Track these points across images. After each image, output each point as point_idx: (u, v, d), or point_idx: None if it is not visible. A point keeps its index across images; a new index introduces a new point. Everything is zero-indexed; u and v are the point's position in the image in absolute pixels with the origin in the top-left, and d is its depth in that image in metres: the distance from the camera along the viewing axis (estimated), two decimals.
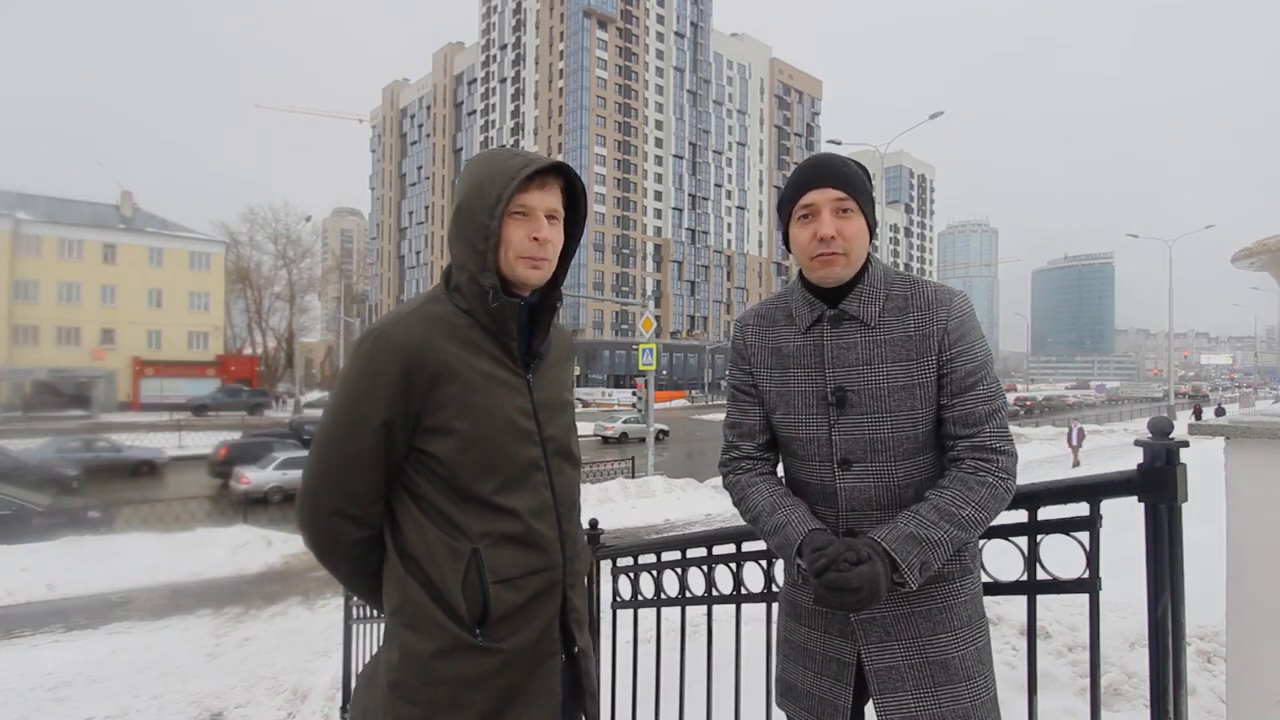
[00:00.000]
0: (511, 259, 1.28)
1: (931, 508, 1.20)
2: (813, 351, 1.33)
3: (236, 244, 55.19)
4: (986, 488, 1.20)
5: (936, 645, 1.27)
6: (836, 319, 1.31)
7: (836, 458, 1.30)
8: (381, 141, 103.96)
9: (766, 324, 1.41)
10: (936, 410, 1.27)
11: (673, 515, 14.61)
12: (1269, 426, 1.41)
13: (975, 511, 1.19)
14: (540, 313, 1.37)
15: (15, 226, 40.65)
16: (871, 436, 1.28)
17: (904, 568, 1.15)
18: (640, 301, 32.41)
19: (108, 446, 22.02)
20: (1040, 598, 1.42)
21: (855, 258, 1.29)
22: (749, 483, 1.40)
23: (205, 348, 46.80)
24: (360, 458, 1.23)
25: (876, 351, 1.28)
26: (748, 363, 1.42)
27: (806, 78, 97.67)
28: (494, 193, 1.25)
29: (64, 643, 8.18)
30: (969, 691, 1.26)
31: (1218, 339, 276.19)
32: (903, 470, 1.28)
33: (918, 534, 1.17)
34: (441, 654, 1.22)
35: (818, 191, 1.28)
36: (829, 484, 1.32)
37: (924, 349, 1.26)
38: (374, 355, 1.23)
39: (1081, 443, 21.99)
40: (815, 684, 1.36)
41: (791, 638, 1.43)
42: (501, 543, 1.26)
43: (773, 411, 1.39)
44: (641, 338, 19.71)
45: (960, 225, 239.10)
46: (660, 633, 2.48)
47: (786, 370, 1.36)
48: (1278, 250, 1.63)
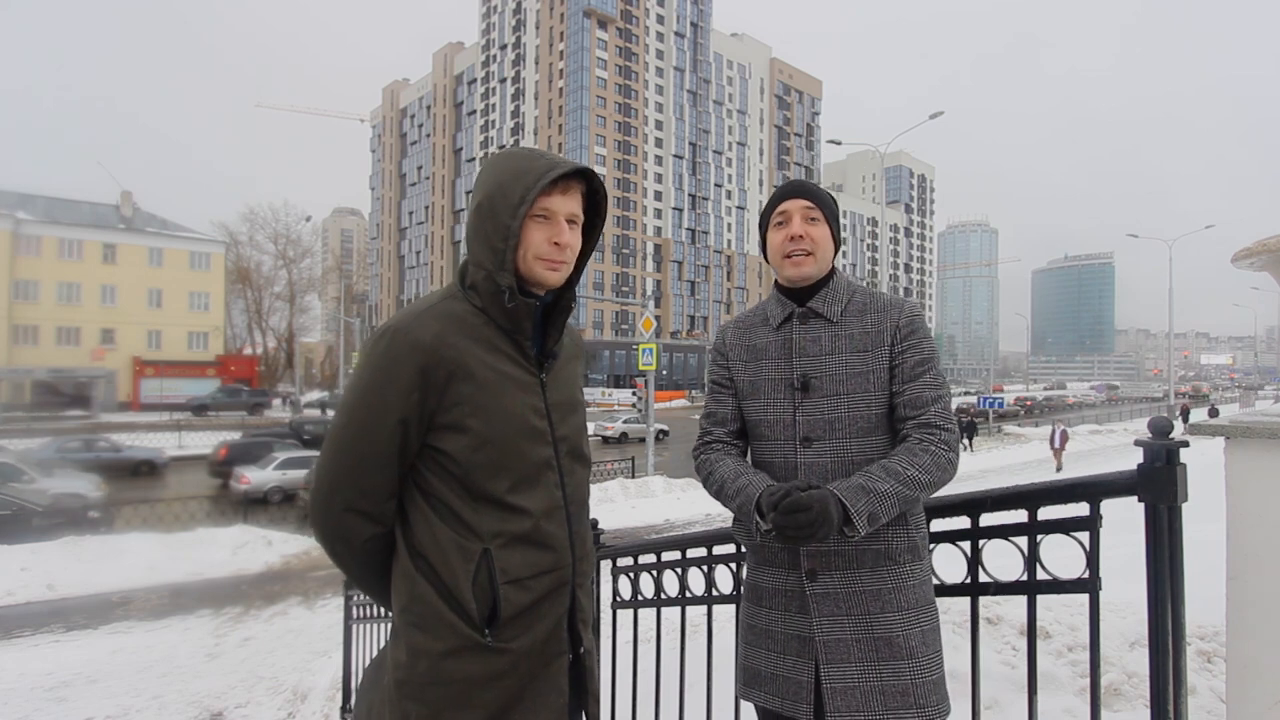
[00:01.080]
0: (530, 259, 1.29)
1: (880, 466, 1.35)
2: (782, 345, 1.52)
3: (236, 244, 55.29)
4: (930, 455, 1.35)
5: (883, 623, 1.38)
6: (805, 315, 1.51)
7: (799, 436, 1.46)
8: (381, 141, 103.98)
9: (745, 327, 1.61)
10: (888, 397, 1.44)
11: (673, 515, 14.62)
12: (1269, 426, 1.41)
13: (920, 474, 1.33)
14: (554, 313, 1.36)
15: (15, 226, 40.64)
16: (831, 416, 1.44)
17: (853, 513, 1.27)
18: (640, 301, 32.43)
19: (108, 446, 22.03)
20: (1040, 598, 1.42)
21: (822, 259, 1.50)
22: (717, 459, 1.54)
23: (205, 348, 46.80)
24: (375, 454, 1.23)
25: (838, 344, 1.47)
26: (725, 359, 1.62)
27: (806, 78, 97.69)
28: (517, 193, 1.24)
29: (64, 643, 8.18)
30: (910, 669, 1.36)
31: (1218, 339, 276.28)
32: (857, 446, 1.43)
33: (866, 485, 1.30)
34: (450, 653, 1.22)
35: (791, 201, 1.52)
36: (791, 459, 1.47)
37: (878, 342, 1.45)
38: (390, 352, 1.22)
39: (1065, 445, 21.13)
40: (779, 664, 1.45)
41: (753, 623, 1.52)
42: (513, 543, 1.25)
43: (744, 398, 1.56)
44: (641, 338, 19.71)
45: (960, 225, 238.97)
46: (660, 633, 2.48)
47: (759, 362, 1.55)
48: (1278, 250, 1.63)
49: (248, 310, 57.77)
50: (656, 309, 65.19)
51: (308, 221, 58.68)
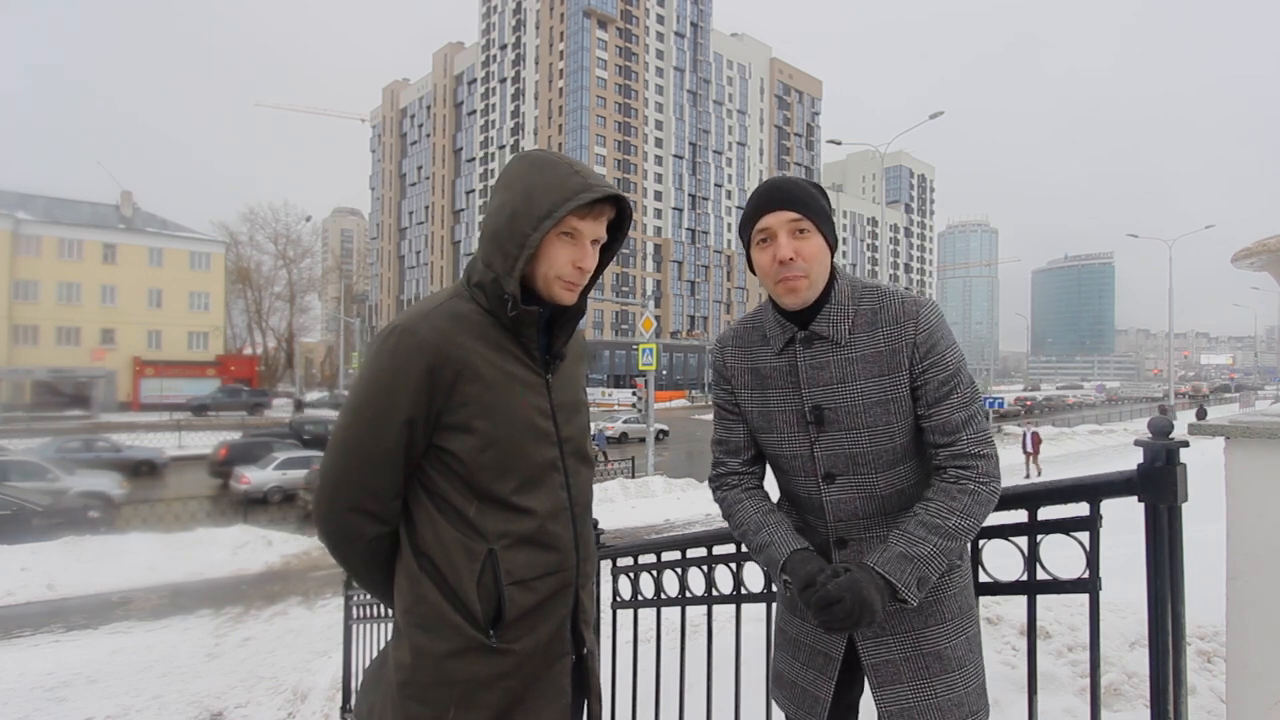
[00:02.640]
0: (550, 278, 1.27)
1: (918, 523, 1.24)
2: (788, 372, 1.37)
3: (236, 244, 55.29)
4: (969, 494, 1.24)
5: (930, 638, 1.32)
6: (808, 339, 1.34)
7: (820, 472, 1.35)
8: (381, 141, 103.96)
9: (744, 345, 1.44)
10: (913, 421, 1.31)
11: (673, 515, 14.62)
12: (1269, 426, 1.41)
13: (961, 520, 1.23)
14: (564, 317, 1.35)
15: (15, 226, 40.64)
16: (851, 451, 1.32)
17: (901, 587, 1.18)
18: (640, 301, 32.41)
19: (108, 446, 22.01)
20: (1040, 598, 1.42)
21: (816, 277, 1.31)
22: (735, 500, 1.45)
23: (205, 348, 46.78)
24: (382, 454, 1.22)
25: (849, 369, 1.31)
26: (729, 382, 1.46)
27: (806, 78, 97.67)
28: (545, 207, 1.21)
29: (64, 643, 8.18)
30: (961, 680, 1.31)
31: (1218, 339, 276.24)
32: (885, 481, 1.33)
33: (908, 552, 1.21)
34: (454, 654, 1.21)
35: (772, 215, 1.31)
36: (815, 497, 1.37)
37: (895, 364, 1.29)
38: (397, 351, 1.21)
39: (1038, 450, 20.05)
40: (800, 674, 1.42)
41: (785, 628, 1.48)
42: (518, 544, 1.25)
43: (757, 431, 1.43)
44: (641, 338, 19.71)
45: (960, 225, 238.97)
46: (660, 633, 2.48)
47: (766, 390, 1.40)
48: (1278, 250, 1.63)
49: (248, 310, 57.80)
50: (656, 309, 65.18)
51: (308, 221, 58.76)
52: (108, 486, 15.26)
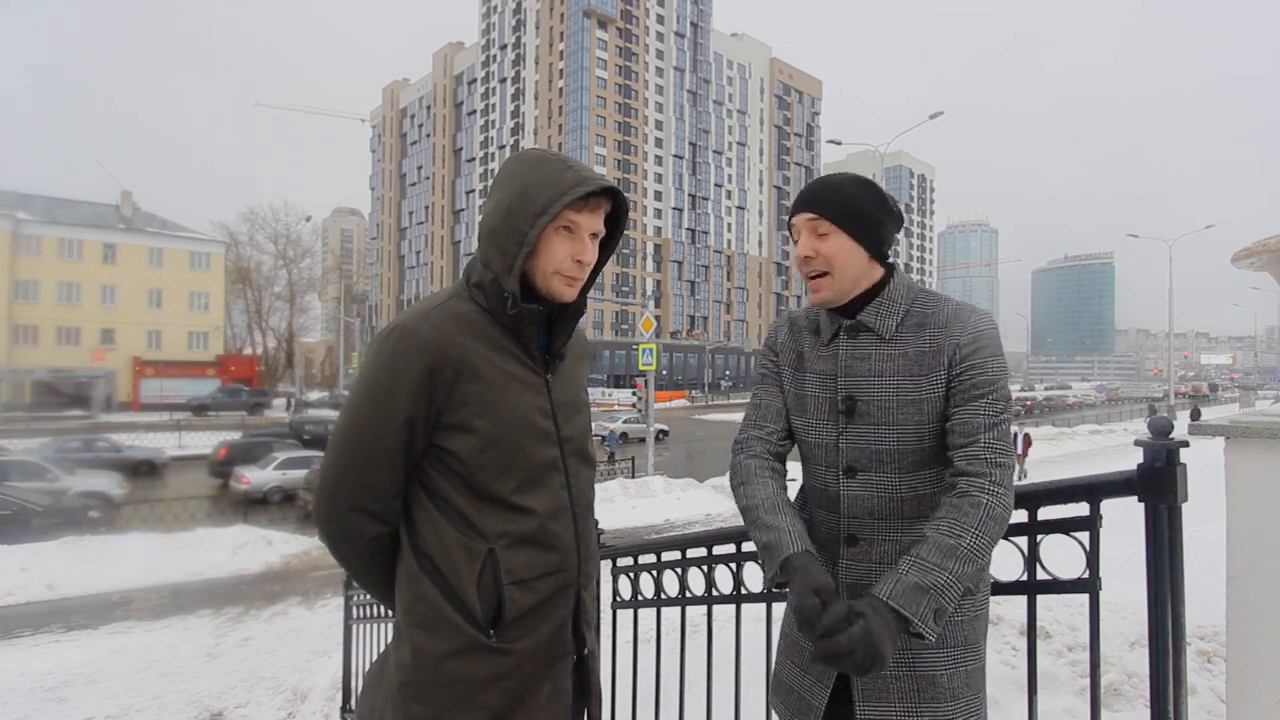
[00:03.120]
0: (549, 274, 1.27)
1: (932, 547, 1.17)
2: (828, 360, 1.37)
3: (236, 244, 55.30)
4: (982, 508, 1.18)
5: (926, 661, 1.28)
6: (853, 329, 1.35)
7: (842, 465, 1.33)
8: (381, 141, 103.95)
9: (798, 329, 1.46)
10: (942, 425, 1.28)
11: (673, 515, 14.62)
12: (1269, 426, 1.41)
13: (975, 538, 1.17)
14: (564, 316, 1.35)
15: (15, 226, 40.62)
16: (877, 447, 1.31)
17: (916, 622, 1.12)
18: (640, 301, 32.42)
19: (107, 446, 22.00)
20: (1040, 598, 1.42)
21: (840, 275, 1.32)
22: (754, 470, 1.40)
23: (205, 348, 46.77)
24: (381, 453, 1.22)
25: (889, 364, 1.31)
26: (776, 355, 1.48)
27: (806, 78, 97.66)
28: (540, 202, 1.22)
29: (64, 643, 8.18)
30: (950, 712, 1.26)
31: (1218, 339, 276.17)
32: (905, 483, 1.31)
33: (923, 582, 1.13)
34: (455, 654, 1.21)
35: (796, 216, 1.36)
36: (833, 489, 1.35)
37: (935, 364, 1.28)
38: (397, 351, 1.21)
39: (1027, 452, 19.19)
40: (798, 680, 1.40)
41: (788, 631, 1.47)
42: (518, 544, 1.25)
43: (791, 414, 1.44)
44: (641, 338, 19.70)
45: (960, 225, 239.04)
46: (660, 633, 2.48)
47: (804, 374, 1.41)
48: (1278, 250, 1.63)
49: (248, 310, 57.81)
50: (656, 309, 65.20)
51: (308, 221, 58.75)
52: (108, 486, 15.28)
